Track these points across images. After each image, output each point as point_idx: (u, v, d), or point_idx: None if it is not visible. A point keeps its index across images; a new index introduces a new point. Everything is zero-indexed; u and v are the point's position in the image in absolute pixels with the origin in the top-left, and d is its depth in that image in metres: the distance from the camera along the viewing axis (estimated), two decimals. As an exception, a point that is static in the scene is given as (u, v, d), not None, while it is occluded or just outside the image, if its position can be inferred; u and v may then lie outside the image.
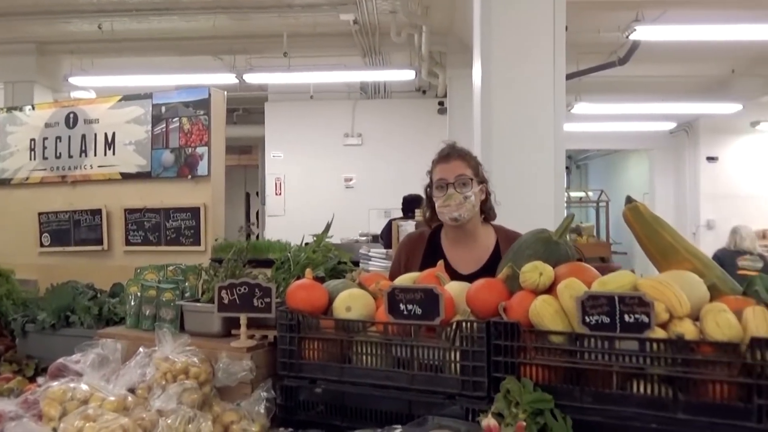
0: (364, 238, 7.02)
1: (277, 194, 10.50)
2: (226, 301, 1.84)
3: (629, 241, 2.42)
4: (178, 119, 3.86)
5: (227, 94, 4.01)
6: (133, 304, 2.12)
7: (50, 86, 8.44)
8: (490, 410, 1.43)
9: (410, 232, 3.51)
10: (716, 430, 1.31)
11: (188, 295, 2.11)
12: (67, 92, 8.64)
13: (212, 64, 8.49)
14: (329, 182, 10.19)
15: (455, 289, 1.73)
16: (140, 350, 1.83)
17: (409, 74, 8.03)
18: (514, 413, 1.40)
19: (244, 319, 1.83)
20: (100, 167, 4.05)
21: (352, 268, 2.26)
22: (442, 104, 9.90)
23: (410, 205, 5.92)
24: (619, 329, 1.39)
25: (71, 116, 4.13)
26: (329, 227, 2.39)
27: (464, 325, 1.55)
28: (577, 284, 1.50)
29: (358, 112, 10.43)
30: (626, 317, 1.38)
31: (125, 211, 3.94)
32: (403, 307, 1.60)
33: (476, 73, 4.19)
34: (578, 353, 1.43)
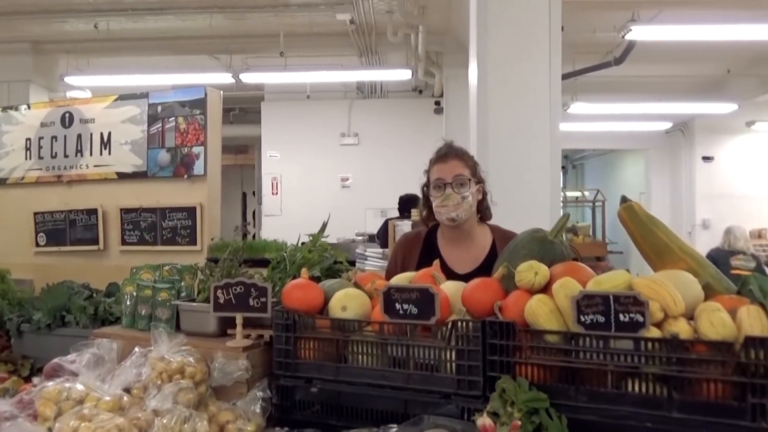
0: (360, 237, 7.01)
1: (273, 194, 10.49)
2: (221, 300, 1.84)
3: (625, 240, 2.42)
4: (174, 119, 3.86)
5: (224, 93, 4.01)
6: (128, 303, 2.11)
7: (46, 86, 8.41)
8: (485, 409, 1.43)
9: (406, 231, 3.52)
10: (711, 428, 1.32)
11: (184, 294, 2.10)
12: (62, 92, 8.62)
13: (209, 63, 8.48)
14: (326, 182, 10.19)
15: (451, 288, 1.73)
16: (136, 350, 1.83)
17: (405, 74, 8.04)
18: (509, 412, 1.40)
19: (239, 318, 1.83)
20: (95, 167, 4.04)
21: (348, 267, 2.25)
22: (438, 104, 9.90)
23: (406, 204, 5.91)
24: (614, 328, 1.39)
25: (67, 116, 4.12)
26: (325, 227, 2.38)
27: (460, 324, 1.55)
28: (572, 284, 1.50)
29: (354, 111, 10.43)
30: (621, 316, 1.39)
31: (121, 210, 3.93)
32: (398, 306, 1.60)
33: (472, 72, 4.19)
34: (573, 352, 1.44)
